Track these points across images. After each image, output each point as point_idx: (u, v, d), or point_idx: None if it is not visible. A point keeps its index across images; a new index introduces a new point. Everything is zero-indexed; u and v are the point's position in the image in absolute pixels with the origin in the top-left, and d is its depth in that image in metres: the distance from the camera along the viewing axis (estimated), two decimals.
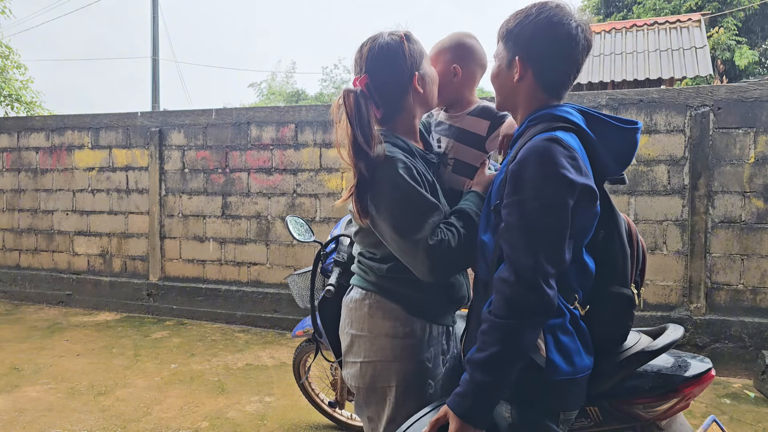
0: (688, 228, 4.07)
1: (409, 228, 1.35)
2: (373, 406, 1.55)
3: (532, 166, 1.16)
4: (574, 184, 1.14)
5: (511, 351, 1.14)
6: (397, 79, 1.46)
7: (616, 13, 16.32)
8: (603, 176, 1.31)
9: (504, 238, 1.19)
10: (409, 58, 1.46)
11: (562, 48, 1.26)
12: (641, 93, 4.21)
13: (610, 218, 1.29)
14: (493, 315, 1.16)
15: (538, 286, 1.12)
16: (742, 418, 3.20)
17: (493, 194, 1.34)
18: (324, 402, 3.03)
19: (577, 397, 1.26)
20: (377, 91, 1.47)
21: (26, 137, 6.19)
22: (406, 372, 1.49)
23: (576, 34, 1.25)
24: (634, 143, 1.28)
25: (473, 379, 1.16)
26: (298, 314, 4.96)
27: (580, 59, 1.29)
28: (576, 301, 1.26)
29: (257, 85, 29.16)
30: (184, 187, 5.51)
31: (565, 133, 1.21)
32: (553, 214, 1.14)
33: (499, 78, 1.38)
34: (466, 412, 1.17)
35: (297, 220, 2.75)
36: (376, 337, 1.51)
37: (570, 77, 1.31)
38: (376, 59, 1.46)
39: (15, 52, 12.46)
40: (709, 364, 1.40)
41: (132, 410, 3.29)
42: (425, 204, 1.38)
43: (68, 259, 6.05)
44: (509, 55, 1.33)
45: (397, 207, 1.38)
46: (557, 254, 1.14)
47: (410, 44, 1.47)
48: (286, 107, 5.22)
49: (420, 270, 1.38)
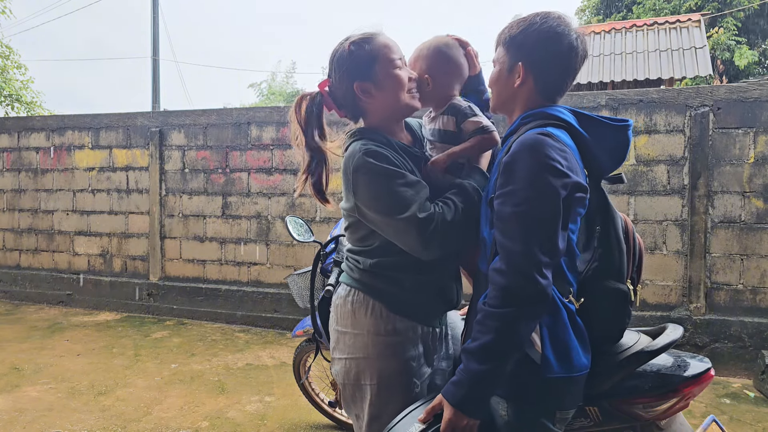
0: (687, 228, 4.08)
1: (394, 207, 1.35)
2: (358, 403, 1.56)
3: (523, 156, 1.18)
4: (565, 174, 1.16)
5: (506, 340, 1.15)
6: (344, 85, 1.51)
7: (616, 14, 16.32)
8: (599, 174, 1.34)
9: (497, 228, 1.21)
10: (351, 66, 1.48)
11: (564, 57, 1.31)
12: (641, 93, 4.21)
13: (606, 214, 1.31)
14: (488, 305, 1.17)
15: (530, 275, 1.13)
16: (742, 418, 3.20)
17: (489, 190, 1.35)
18: (324, 402, 3.04)
19: (574, 396, 1.26)
20: (336, 94, 1.54)
21: (26, 137, 6.19)
22: (387, 370, 1.49)
23: (576, 45, 1.31)
24: (627, 140, 1.32)
25: (468, 368, 1.17)
26: (298, 314, 4.96)
27: (577, 68, 1.35)
28: (570, 294, 1.27)
29: (257, 85, 29.15)
30: (185, 187, 5.51)
31: (557, 129, 1.25)
32: (545, 203, 1.15)
33: (498, 82, 1.41)
34: (460, 401, 1.18)
35: (297, 220, 2.75)
36: (359, 333, 1.52)
37: (566, 84, 1.37)
38: (332, 65, 1.53)
39: (15, 52, 12.47)
40: (708, 363, 1.40)
41: (132, 410, 3.29)
42: (404, 181, 1.37)
43: (68, 259, 6.05)
44: (511, 61, 1.36)
45: (376, 190, 1.39)
46: (550, 243, 1.15)
47: (357, 52, 1.47)
48: (287, 107, 5.22)
49: (415, 247, 1.36)
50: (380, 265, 1.49)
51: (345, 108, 1.56)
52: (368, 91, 1.49)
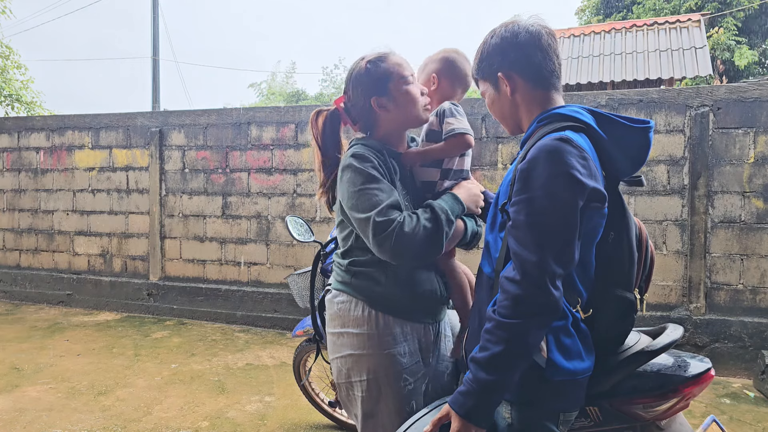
0: (687, 228, 4.08)
1: (359, 205, 1.44)
2: (354, 401, 1.60)
3: (542, 164, 1.15)
4: (584, 185, 1.13)
5: (516, 351, 1.13)
6: (361, 101, 1.61)
7: (616, 14, 16.33)
8: (617, 177, 1.30)
9: (512, 236, 1.19)
10: (368, 83, 1.59)
11: (530, 43, 1.31)
12: (641, 93, 4.21)
13: (622, 221, 1.27)
14: (498, 314, 1.15)
15: (544, 286, 1.11)
16: (742, 418, 3.20)
17: (501, 194, 1.34)
18: (324, 402, 3.04)
19: (576, 398, 1.26)
20: (352, 109, 1.65)
21: (26, 137, 6.19)
22: (374, 365, 1.53)
23: (535, 29, 1.31)
24: (647, 142, 1.27)
25: (477, 378, 1.16)
26: (298, 314, 4.96)
27: (553, 45, 1.33)
28: (578, 304, 1.26)
29: (257, 85, 29.11)
30: (185, 187, 5.51)
31: (575, 132, 1.21)
32: (562, 212, 1.13)
33: (495, 105, 1.41)
34: (468, 411, 1.16)
35: (297, 220, 2.76)
36: (347, 333, 1.57)
37: (554, 63, 1.33)
38: (349, 82, 1.64)
39: (15, 52, 12.45)
40: (708, 363, 1.40)
41: (132, 410, 3.29)
42: (376, 185, 1.46)
43: (69, 259, 6.05)
44: (492, 80, 1.37)
45: (350, 188, 1.48)
46: (566, 254, 1.14)
47: (373, 70, 1.59)
48: (286, 107, 5.22)
49: (371, 247, 1.44)
50: (357, 263, 1.56)
51: (360, 122, 1.66)
52: (384, 106, 1.59)
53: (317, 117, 1.68)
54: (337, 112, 1.67)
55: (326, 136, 1.67)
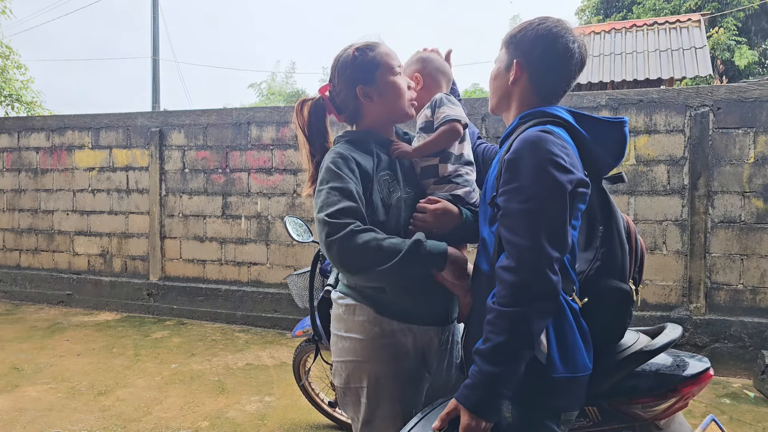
0: (687, 228, 4.08)
1: (319, 203, 1.40)
2: (351, 406, 1.56)
3: (527, 153, 1.19)
4: (569, 170, 1.17)
5: (519, 340, 1.13)
6: (346, 89, 1.57)
7: (616, 13, 16.33)
8: (599, 172, 1.35)
9: (503, 225, 1.20)
10: (354, 72, 1.54)
11: (559, 58, 1.34)
12: (641, 93, 4.21)
13: (609, 214, 1.31)
14: (498, 304, 1.15)
15: (541, 270, 1.12)
16: (742, 418, 3.20)
17: (488, 189, 1.36)
18: (324, 402, 3.04)
19: (577, 397, 1.26)
20: (337, 98, 1.60)
21: (26, 137, 6.19)
22: (378, 373, 1.48)
23: (573, 49, 1.33)
24: (624, 137, 1.34)
25: (482, 370, 1.15)
26: (298, 314, 4.96)
27: (574, 72, 1.37)
28: (573, 292, 1.26)
29: (257, 85, 29.12)
30: (185, 187, 5.51)
31: (556, 127, 1.27)
32: (553, 197, 1.15)
33: (496, 79, 1.45)
34: (476, 404, 1.16)
35: (295, 220, 2.76)
36: (350, 337, 1.52)
37: (562, 87, 1.38)
38: (335, 70, 1.59)
39: (15, 52, 12.44)
40: (707, 363, 1.40)
41: (132, 410, 3.29)
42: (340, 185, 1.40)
43: (68, 259, 6.05)
44: (508, 59, 1.40)
45: (319, 186, 1.45)
46: (559, 237, 1.15)
47: (361, 58, 1.54)
48: (286, 107, 5.22)
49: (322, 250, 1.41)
50: None
51: (344, 112, 1.61)
52: (369, 95, 1.55)
53: (302, 106, 1.62)
54: (322, 101, 1.62)
55: (312, 125, 1.62)
